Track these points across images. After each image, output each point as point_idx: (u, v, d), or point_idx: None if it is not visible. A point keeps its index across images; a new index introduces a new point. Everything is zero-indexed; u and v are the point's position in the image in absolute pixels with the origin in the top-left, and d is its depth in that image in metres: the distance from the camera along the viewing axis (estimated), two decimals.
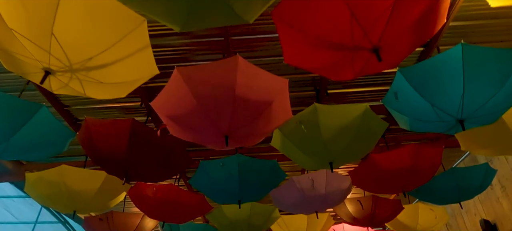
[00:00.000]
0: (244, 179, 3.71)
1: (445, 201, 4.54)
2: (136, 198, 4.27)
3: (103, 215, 4.89)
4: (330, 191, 4.23)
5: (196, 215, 4.56)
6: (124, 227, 4.95)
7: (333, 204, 4.50)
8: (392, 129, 4.76)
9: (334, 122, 2.93)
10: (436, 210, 5.42)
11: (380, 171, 3.74)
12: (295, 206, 4.43)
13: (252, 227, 5.04)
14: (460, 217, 6.88)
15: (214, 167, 3.72)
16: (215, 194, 3.98)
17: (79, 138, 3.11)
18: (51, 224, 5.92)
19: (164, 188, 4.11)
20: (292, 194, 4.24)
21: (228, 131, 2.64)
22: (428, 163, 3.74)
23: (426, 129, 2.96)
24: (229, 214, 4.90)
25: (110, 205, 4.16)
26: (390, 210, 4.95)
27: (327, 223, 5.67)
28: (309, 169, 3.50)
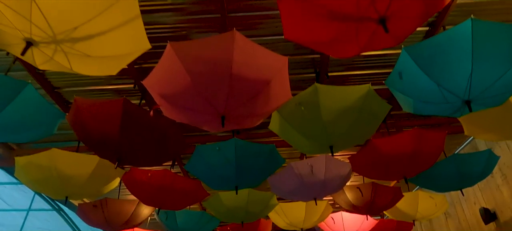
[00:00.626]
0: (241, 164, 3.60)
1: (446, 188, 4.46)
2: (130, 184, 4.16)
3: (97, 202, 4.78)
4: (329, 178, 4.13)
5: (192, 201, 4.46)
6: (119, 215, 4.85)
7: (332, 191, 4.41)
8: (394, 114, 4.66)
9: (335, 103, 2.81)
10: (436, 197, 5.35)
11: (381, 156, 3.64)
12: (293, 193, 4.33)
13: (250, 214, 4.96)
14: (459, 206, 6.83)
15: (210, 151, 3.61)
16: (212, 179, 3.87)
17: (69, 119, 2.97)
18: (45, 211, 5.81)
19: (159, 174, 4.00)
20: (291, 180, 4.13)
21: (224, 111, 2.51)
22: (430, 148, 3.64)
23: (431, 111, 2.85)
24: (226, 201, 4.81)
25: (103, 191, 4.05)
26: (390, 198, 4.87)
27: (325, 211, 5.60)
28: (308, 153, 3.39)
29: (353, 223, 6.19)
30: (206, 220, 5.41)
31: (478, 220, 6.30)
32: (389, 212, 5.71)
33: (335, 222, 6.18)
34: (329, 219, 6.20)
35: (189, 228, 5.43)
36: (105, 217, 4.81)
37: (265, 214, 5.19)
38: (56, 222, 6.07)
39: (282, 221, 5.59)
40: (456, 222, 6.98)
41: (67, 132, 4.36)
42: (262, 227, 6.18)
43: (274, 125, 3.16)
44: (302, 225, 5.57)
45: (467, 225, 6.62)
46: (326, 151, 3.13)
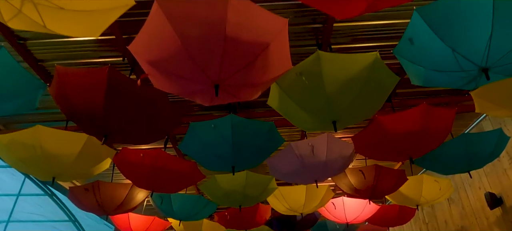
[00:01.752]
0: (238, 143, 3.39)
1: (454, 170, 4.25)
2: (122, 165, 3.96)
3: (88, 185, 4.58)
4: (331, 159, 3.93)
5: (187, 183, 4.26)
6: (112, 198, 4.66)
7: (333, 173, 4.21)
8: (399, 93, 4.44)
9: (339, 73, 2.59)
10: (440, 181, 5.16)
11: (387, 135, 3.43)
12: (293, 175, 4.13)
13: (248, 198, 4.77)
14: (463, 191, 6.65)
15: (205, 129, 3.39)
16: (207, 159, 3.67)
17: (51, 91, 2.75)
18: (36, 196, 5.62)
19: (152, 154, 3.79)
20: (290, 161, 3.93)
21: (218, 79, 2.28)
22: (438, 126, 3.42)
23: (444, 81, 2.62)
24: (223, 184, 4.62)
25: (93, 172, 3.85)
26: (393, 181, 4.67)
27: (326, 195, 5.41)
28: (309, 130, 3.18)
29: (354, 208, 6.02)
30: (202, 205, 5.23)
31: (483, 205, 6.13)
32: (392, 197, 5.53)
33: (336, 208, 6.00)
34: (330, 204, 6.02)
35: (185, 213, 5.26)
36: (98, 201, 4.63)
37: (263, 197, 5.00)
38: (48, 206, 5.89)
39: (281, 206, 5.41)
40: (459, 207, 6.81)
41: (56, 111, 4.14)
42: (261, 212, 6.01)
43: (273, 99, 2.94)
44: (302, 210, 5.39)
45: (471, 211, 6.45)
46: (329, 127, 2.91)
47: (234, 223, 6.16)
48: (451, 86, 2.70)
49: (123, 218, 5.86)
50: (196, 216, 5.41)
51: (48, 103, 4.11)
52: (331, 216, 6.16)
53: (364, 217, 6.17)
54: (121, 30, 3.18)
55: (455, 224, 6.98)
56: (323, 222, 7.23)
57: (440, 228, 7.58)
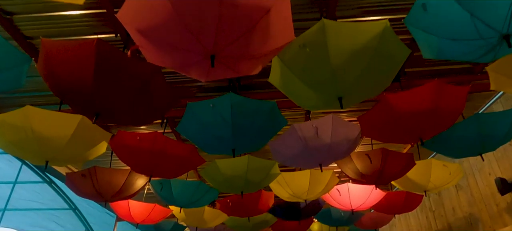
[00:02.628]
0: (238, 123, 3.21)
1: (465, 153, 4.05)
2: (118, 149, 3.81)
3: (85, 171, 4.45)
4: (336, 141, 3.75)
5: (187, 168, 4.12)
6: (109, 184, 4.53)
7: (339, 156, 4.04)
8: (408, 72, 4.24)
9: (346, 43, 2.39)
10: (450, 166, 4.97)
11: (395, 114, 3.24)
12: (296, 158, 3.96)
13: (250, 183, 4.61)
14: (472, 177, 6.46)
15: (203, 109, 3.22)
16: (206, 141, 3.50)
17: (39, 67, 2.59)
18: (35, 184, 5.51)
19: (149, 137, 3.64)
20: (293, 144, 3.76)
21: (213, 49, 2.10)
22: (451, 104, 3.23)
23: (459, 51, 2.42)
24: (224, 169, 4.46)
25: (88, 156, 3.70)
26: (401, 165, 4.49)
27: (330, 181, 5.24)
28: (314, 108, 2.99)
29: (359, 195, 5.86)
30: (203, 191, 5.08)
31: (493, 191, 5.94)
32: (398, 183, 5.35)
33: (341, 194, 5.84)
34: (335, 191, 5.86)
35: (185, 200, 5.12)
36: (95, 187, 4.50)
37: (266, 183, 4.84)
38: (47, 194, 5.79)
39: (284, 192, 5.26)
40: (467, 194, 6.62)
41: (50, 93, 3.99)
42: (263, 199, 5.87)
43: (275, 75, 2.75)
44: (306, 196, 5.24)
45: (480, 197, 6.26)
46: (334, 104, 2.72)
47: (236, 211, 6.02)
48: (466, 57, 2.49)
49: (123, 205, 5.75)
50: (197, 203, 5.27)
51: (41, 85, 3.96)
52: (335, 203, 6.01)
53: (369, 204, 6.00)
54: (112, 4, 3.00)
55: (463, 211, 6.80)
56: (327, 210, 7.08)
57: (448, 216, 7.41)
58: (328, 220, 7.34)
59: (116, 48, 2.44)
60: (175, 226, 7.10)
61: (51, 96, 4.05)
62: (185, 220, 6.45)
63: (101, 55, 2.34)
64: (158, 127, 4.41)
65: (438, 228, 7.86)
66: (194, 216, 6.35)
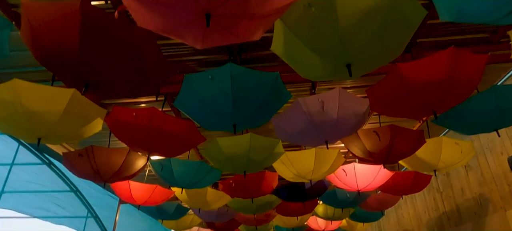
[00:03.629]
0: (238, 97, 3.01)
1: (480, 128, 3.83)
2: (114, 126, 3.65)
3: (82, 150, 4.31)
4: (343, 116, 3.55)
5: (187, 146, 3.96)
6: (107, 164, 4.39)
7: (346, 132, 3.84)
8: (420, 42, 3.99)
9: (356, 3, 2.16)
10: (461, 144, 4.76)
11: (408, 86, 3.01)
12: (301, 135, 3.77)
13: (252, 163, 4.45)
14: (483, 156, 6.24)
15: (201, 81, 3.02)
16: (205, 118, 3.31)
17: (22, 34, 2.39)
18: (33, 165, 5.39)
19: (146, 113, 3.46)
20: (298, 119, 3.56)
21: (208, 6, 1.88)
22: (468, 74, 3.00)
23: (480, 11, 2.18)
24: (226, 148, 4.29)
25: (83, 133, 3.54)
26: (411, 143, 4.28)
27: (336, 161, 5.06)
28: (320, 77, 2.77)
29: (366, 175, 5.68)
30: (205, 171, 4.93)
31: (505, 171, 5.73)
32: (407, 162, 5.16)
33: (347, 174, 5.67)
34: (340, 171, 5.69)
35: (187, 180, 4.98)
36: (93, 167, 4.37)
37: (269, 163, 4.68)
38: (46, 175, 5.68)
39: (289, 172, 5.10)
40: (477, 174, 6.43)
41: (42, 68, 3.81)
42: (267, 180, 5.72)
43: (277, 41, 2.53)
44: (311, 176, 5.07)
45: (491, 177, 6.06)
46: (342, 73, 2.51)
47: (240, 192, 5.90)
48: (489, 18, 2.25)
49: (124, 187, 5.64)
50: (199, 184, 5.14)
51: (33, 59, 3.77)
52: (341, 184, 5.85)
53: (376, 184, 5.83)
54: None
55: (473, 191, 6.62)
56: (333, 191, 6.93)
57: (456, 196, 7.24)
58: (334, 201, 7.20)
59: (102, 9, 2.23)
60: (178, 208, 7.01)
61: (45, 72, 3.86)
62: (187, 201, 6.34)
63: (86, 17, 2.13)
64: (158, 105, 4.23)
65: (445, 209, 7.70)
66: (196, 197, 6.24)
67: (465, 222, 6.89)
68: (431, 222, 8.40)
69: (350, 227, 10.26)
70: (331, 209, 8.15)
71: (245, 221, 8.37)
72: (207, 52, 3.99)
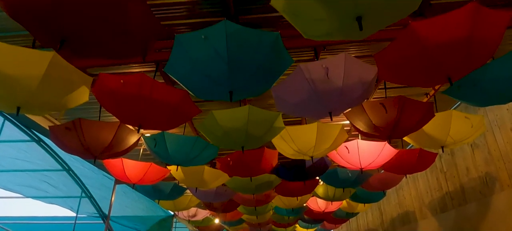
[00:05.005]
0: (235, 59, 2.73)
1: (497, 99, 3.54)
2: (101, 95, 3.37)
3: (69, 124, 4.05)
4: (348, 84, 3.27)
5: (180, 118, 3.68)
6: (97, 139, 4.13)
7: (351, 103, 3.57)
8: (434, 4, 3.68)
9: None
10: (472, 118, 4.51)
11: (422, 47, 2.73)
12: (302, 106, 3.50)
13: (251, 138, 4.20)
14: (490, 134, 6.00)
15: (194, 42, 2.72)
16: (199, 84, 3.03)
17: None
18: (21, 142, 5.13)
19: (134, 79, 3.18)
20: (300, 88, 3.28)
21: None
22: (488, 34, 2.71)
23: None
24: (223, 122, 4.04)
25: (67, 103, 3.25)
26: (419, 116, 4.02)
27: (339, 136, 4.81)
28: (326, 34, 2.48)
29: (369, 152, 5.44)
30: (201, 147, 4.68)
31: None
32: (413, 138, 4.92)
33: (350, 152, 5.44)
34: (343, 148, 5.46)
35: (182, 157, 4.74)
36: (82, 142, 4.12)
37: (269, 138, 4.43)
38: (35, 152, 5.44)
39: (289, 148, 4.86)
40: (484, 152, 6.20)
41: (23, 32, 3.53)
42: (266, 157, 5.49)
43: None
44: (312, 153, 4.83)
45: (498, 155, 5.83)
46: (352, 28, 2.22)
47: (238, 170, 5.67)
48: None
49: (117, 165, 5.41)
50: (195, 160, 4.90)
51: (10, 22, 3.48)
52: (343, 162, 5.62)
53: (380, 162, 5.61)
54: None
55: (479, 170, 6.41)
56: (334, 170, 6.72)
57: (460, 176, 7.04)
58: (335, 181, 6.99)
59: None
60: (175, 187, 6.81)
61: (26, 36, 3.58)
62: (184, 181, 6.13)
63: None
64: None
65: (449, 189, 7.52)
66: (193, 176, 6.02)
67: (469, 202, 6.71)
68: (434, 203, 8.24)
69: (350, 208, 10.14)
70: (331, 190, 7.97)
71: (244, 201, 8.21)
72: (202, 15, 3.68)
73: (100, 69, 4.10)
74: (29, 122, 5.10)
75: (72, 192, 6.62)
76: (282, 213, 10.15)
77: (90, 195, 7.03)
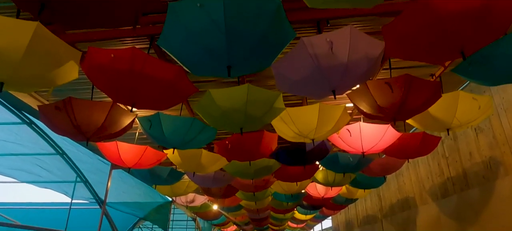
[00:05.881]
0: (233, 29, 2.53)
1: (507, 78, 3.36)
2: (91, 71, 3.17)
3: (59, 103, 3.86)
4: (354, 60, 3.08)
5: (175, 97, 3.49)
6: (89, 119, 3.95)
7: (355, 80, 3.39)
8: None
9: None
10: (480, 99, 4.34)
11: (434, 18, 2.54)
12: (305, 83, 3.31)
13: (250, 118, 4.02)
14: (496, 117, 5.84)
15: (189, 10, 2.51)
16: (194, 57, 2.83)
17: None
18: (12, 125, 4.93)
19: (125, 53, 2.97)
20: (302, 63, 3.09)
21: None
22: (505, 3, 2.52)
23: None
24: (221, 102, 3.85)
25: (55, 79, 3.05)
26: (426, 95, 3.84)
27: (342, 118, 4.64)
28: (330, 3, 2.29)
29: (372, 136, 5.29)
30: (198, 129, 4.50)
31: None
32: (417, 120, 4.76)
33: (352, 135, 5.28)
34: (344, 131, 5.30)
35: (178, 139, 4.56)
36: (73, 122, 3.93)
37: (268, 119, 4.26)
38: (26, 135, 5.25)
39: (289, 130, 4.69)
40: (489, 137, 6.05)
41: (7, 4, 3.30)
42: (266, 140, 5.32)
43: None
44: (313, 135, 4.67)
45: (504, 139, 5.69)
46: None
47: (236, 153, 5.52)
48: None
49: (111, 148, 5.25)
50: (192, 143, 4.73)
51: None
52: (345, 145, 5.47)
53: (382, 146, 5.46)
54: None
55: (482, 155, 6.28)
56: (335, 155, 6.57)
57: (463, 161, 6.91)
58: (335, 166, 6.85)
59: None
60: (172, 172, 6.66)
61: (11, 8, 3.35)
62: (181, 164, 5.97)
63: None
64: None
65: (451, 174, 7.40)
66: (190, 160, 5.87)
67: (472, 187, 6.60)
68: (434, 188, 8.14)
69: (349, 194, 10.05)
70: (331, 175, 7.85)
71: (243, 187, 8.08)
72: None
73: (90, 45, 3.88)
74: (20, 103, 4.90)
75: (67, 176, 6.46)
76: (281, 199, 10.06)
77: (85, 179, 6.88)
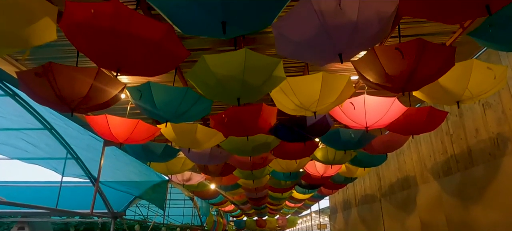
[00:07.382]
0: None
1: None
2: (70, 31, 2.83)
3: (39, 68, 3.52)
4: (364, 19, 2.75)
5: (165, 61, 3.16)
6: (72, 87, 3.63)
7: (364, 43, 3.07)
8: None
9: None
10: (495, 68, 4.04)
11: None
12: (308, 45, 2.99)
13: (248, 87, 3.71)
14: (506, 91, 5.57)
15: None
16: (187, 13, 2.50)
17: None
18: None
19: (107, 9, 2.63)
20: (306, 22, 2.76)
21: None
22: None
23: None
24: (216, 68, 3.54)
25: (29, 38, 2.72)
26: (439, 63, 3.52)
27: (346, 89, 4.34)
28: None
29: (377, 109, 5.01)
30: (192, 100, 4.20)
31: None
32: (425, 92, 4.47)
33: (356, 108, 5.00)
34: (348, 104, 5.02)
35: (171, 110, 4.26)
36: (55, 91, 3.61)
37: (267, 89, 3.95)
38: (10, 108, 4.92)
39: (290, 102, 4.39)
40: (497, 113, 5.79)
41: None
42: (265, 114, 5.03)
43: None
44: (315, 107, 4.38)
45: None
46: None
47: (233, 128, 5.23)
48: None
49: (100, 122, 4.95)
50: (186, 115, 4.43)
51: None
52: (348, 120, 5.19)
53: (387, 121, 5.19)
54: None
55: (489, 131, 6.03)
56: (336, 130, 6.31)
57: (468, 138, 6.67)
58: (336, 142, 6.60)
59: None
60: (166, 148, 6.39)
61: None
62: (175, 140, 5.70)
63: None
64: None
65: (454, 152, 7.18)
66: (185, 135, 5.59)
67: (476, 164, 6.39)
68: (437, 166, 7.94)
69: (349, 173, 9.87)
70: (331, 152, 7.61)
71: (240, 164, 7.86)
72: None
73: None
74: (1, 73, 4.55)
75: (56, 153, 6.18)
76: (279, 177, 9.87)
77: (76, 156, 6.61)
